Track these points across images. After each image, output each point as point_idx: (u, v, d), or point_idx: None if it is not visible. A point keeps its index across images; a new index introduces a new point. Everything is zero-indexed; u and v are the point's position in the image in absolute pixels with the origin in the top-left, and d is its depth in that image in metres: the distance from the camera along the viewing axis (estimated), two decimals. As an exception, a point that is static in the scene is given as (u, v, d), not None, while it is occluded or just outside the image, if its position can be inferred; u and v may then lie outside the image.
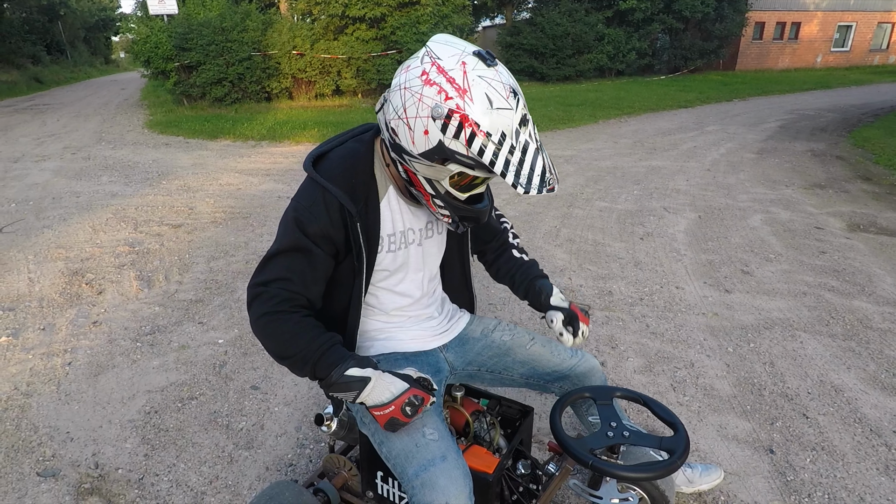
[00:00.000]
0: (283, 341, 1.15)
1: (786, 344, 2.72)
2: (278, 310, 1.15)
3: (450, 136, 1.00)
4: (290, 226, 1.16)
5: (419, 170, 1.09)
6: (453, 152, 1.01)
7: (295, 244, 1.16)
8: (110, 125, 10.14)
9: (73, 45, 31.25)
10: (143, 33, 11.96)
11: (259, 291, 1.16)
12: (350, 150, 1.22)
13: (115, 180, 6.03)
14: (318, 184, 1.16)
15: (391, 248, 1.26)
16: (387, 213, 1.24)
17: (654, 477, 1.16)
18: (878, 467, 1.92)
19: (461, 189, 1.12)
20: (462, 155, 1.01)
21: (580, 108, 11.30)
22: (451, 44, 1.03)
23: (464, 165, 1.03)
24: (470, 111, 0.97)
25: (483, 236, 1.51)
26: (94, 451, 2.00)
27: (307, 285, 1.17)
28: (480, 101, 0.97)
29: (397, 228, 1.26)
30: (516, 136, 1.00)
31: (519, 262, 1.51)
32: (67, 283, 3.44)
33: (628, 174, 6.18)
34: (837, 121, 9.74)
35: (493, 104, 0.98)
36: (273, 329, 1.15)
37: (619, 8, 18.00)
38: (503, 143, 0.99)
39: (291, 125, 9.34)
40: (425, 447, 1.13)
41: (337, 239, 1.18)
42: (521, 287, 1.48)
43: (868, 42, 23.97)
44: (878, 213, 4.75)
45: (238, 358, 2.60)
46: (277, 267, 1.16)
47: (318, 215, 1.15)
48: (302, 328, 1.15)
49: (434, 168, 1.07)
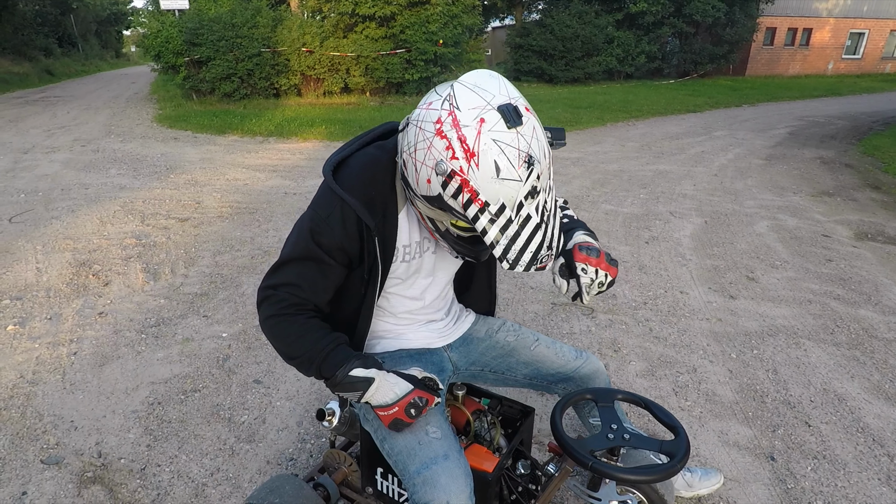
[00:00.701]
0: (289, 342, 1.16)
1: (789, 351, 2.71)
2: (285, 312, 1.16)
3: (448, 195, 0.97)
4: (305, 234, 1.14)
5: (421, 209, 1.09)
6: (451, 208, 0.99)
7: (308, 254, 1.14)
8: (120, 118, 10.21)
9: (85, 39, 31.49)
10: (154, 28, 12.03)
11: (268, 294, 1.17)
12: (371, 158, 1.16)
13: (123, 173, 6.08)
14: (337, 195, 1.12)
15: (405, 259, 1.25)
16: (404, 224, 1.21)
17: (654, 480, 1.16)
18: (880, 477, 1.91)
19: (464, 230, 1.10)
20: (459, 214, 0.99)
21: (588, 110, 11.28)
22: (479, 90, 0.94)
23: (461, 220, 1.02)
24: (472, 177, 0.93)
25: None
26: (97, 441, 2.02)
27: (316, 293, 1.18)
28: (486, 169, 0.92)
29: (413, 239, 1.24)
30: (518, 209, 0.95)
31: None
32: (74, 273, 3.47)
33: (635, 178, 6.16)
34: (847, 128, 9.68)
35: (500, 173, 0.92)
36: (280, 330, 1.16)
37: (629, 11, 17.96)
38: (500, 214, 0.95)
39: (299, 122, 9.37)
40: (428, 445, 1.14)
41: (351, 251, 1.16)
42: None
43: (880, 50, 23.80)
44: (887, 222, 4.72)
45: (241, 352, 2.62)
46: (288, 273, 1.16)
47: (335, 227, 1.12)
48: (307, 329, 1.16)
49: (435, 212, 1.06)
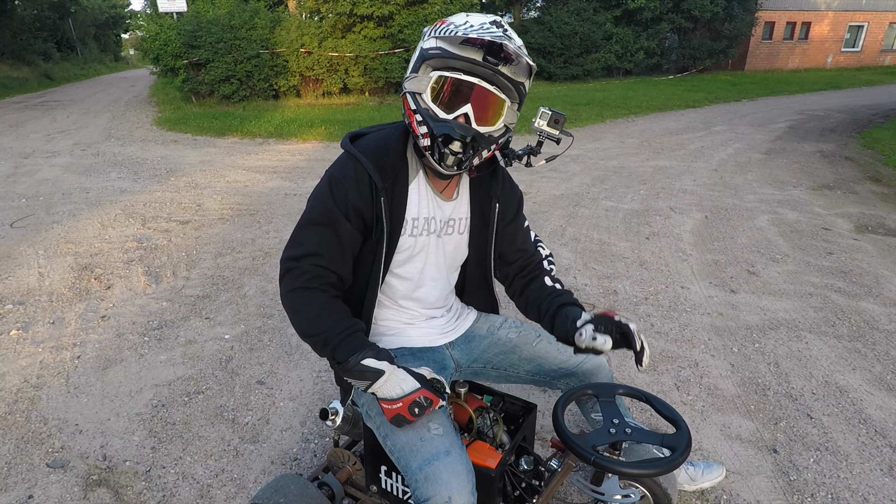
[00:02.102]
0: (308, 319, 1.18)
1: (791, 344, 2.71)
2: (308, 286, 1.19)
3: (425, 38, 1.15)
4: (324, 195, 1.21)
5: (406, 87, 1.17)
6: (427, 49, 1.14)
7: (326, 215, 1.20)
8: (119, 122, 10.22)
9: (84, 43, 31.49)
10: (152, 30, 12.04)
11: (291, 266, 1.20)
12: (386, 134, 1.27)
13: (123, 176, 6.09)
14: (352, 156, 1.21)
15: (413, 233, 1.28)
16: (414, 196, 1.27)
17: (656, 474, 1.17)
18: (882, 468, 1.92)
19: (441, 106, 1.15)
20: (435, 49, 1.12)
21: (587, 107, 11.26)
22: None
23: (436, 58, 1.12)
24: (447, 19, 1.14)
25: (510, 255, 1.42)
26: (102, 444, 2.03)
27: (336, 261, 1.21)
28: (458, 17, 1.14)
29: (422, 214, 1.28)
30: (482, 27, 1.11)
31: (549, 290, 1.37)
32: (76, 277, 3.48)
33: (635, 174, 6.16)
34: (847, 122, 9.67)
35: (470, 20, 1.13)
36: (301, 305, 1.19)
37: (627, 7, 17.91)
38: (466, 23, 1.12)
39: (299, 123, 9.37)
40: (430, 442, 1.14)
41: (365, 212, 1.21)
42: (547, 315, 1.32)
43: (879, 42, 23.71)
44: (887, 214, 4.72)
45: (244, 353, 2.62)
46: (309, 241, 1.20)
47: (349, 185, 1.19)
48: (328, 309, 1.18)
49: (416, 78, 1.15)
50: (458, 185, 1.34)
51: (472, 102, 1.13)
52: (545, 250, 1.61)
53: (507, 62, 1.12)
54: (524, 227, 1.46)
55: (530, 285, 1.42)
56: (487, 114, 1.16)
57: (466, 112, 1.13)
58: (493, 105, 1.15)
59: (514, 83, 1.15)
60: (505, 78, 1.13)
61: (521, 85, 1.17)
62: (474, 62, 1.11)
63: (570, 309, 1.29)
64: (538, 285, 1.41)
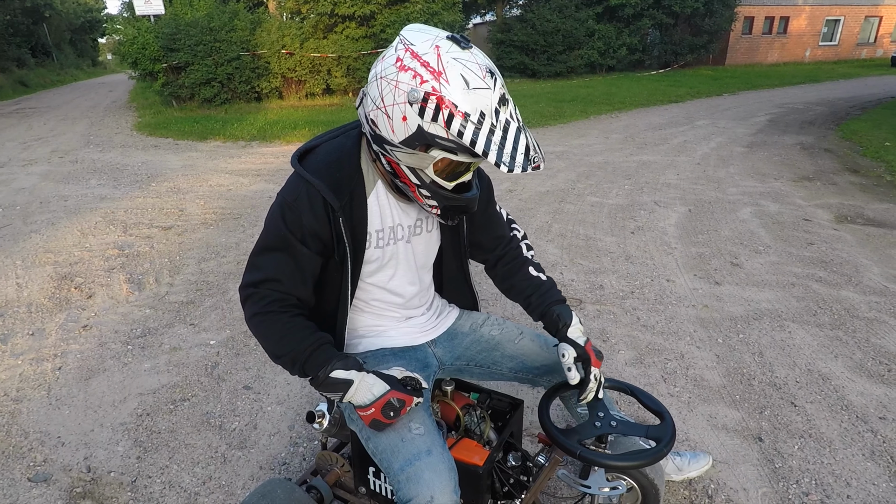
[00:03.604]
0: (274, 342, 1.17)
1: (774, 334, 2.75)
2: (269, 310, 1.16)
3: (428, 120, 0.99)
4: (276, 221, 1.16)
5: (402, 159, 1.07)
6: (433, 136, 1.00)
7: (281, 241, 1.16)
8: (98, 128, 10.06)
9: (59, 48, 30.94)
10: (129, 34, 11.85)
11: (250, 293, 1.18)
12: (337, 144, 1.20)
13: (103, 183, 5.99)
14: (303, 178, 1.15)
15: (379, 244, 1.25)
16: (375, 209, 1.22)
17: (641, 465, 1.18)
18: (864, 453, 1.95)
19: (447, 178, 1.10)
20: (442, 138, 1.00)
21: (571, 104, 11.32)
22: (424, 31, 1.02)
23: (445, 150, 1.02)
24: (446, 92, 0.96)
25: (486, 243, 1.43)
26: (85, 455, 1.99)
27: (296, 285, 1.18)
28: (456, 82, 0.96)
29: (385, 224, 1.25)
30: (496, 115, 0.99)
31: (536, 282, 1.41)
32: (56, 287, 3.42)
33: (619, 169, 6.21)
34: (826, 114, 9.83)
35: (470, 84, 0.96)
36: (265, 329, 1.17)
37: (609, 4, 18.03)
38: (483, 122, 0.98)
39: (282, 125, 9.30)
40: (411, 442, 1.14)
41: (322, 234, 1.16)
42: (536, 311, 1.39)
43: (856, 36, 24.17)
44: (866, 204, 4.81)
45: (230, 358, 2.60)
46: (266, 267, 1.17)
47: (303, 209, 1.13)
48: (291, 328, 1.16)
49: (417, 156, 1.05)
50: None
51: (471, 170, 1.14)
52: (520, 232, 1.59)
53: None
54: (497, 213, 1.46)
55: (515, 276, 1.44)
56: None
57: (466, 180, 1.14)
58: None
59: None
60: None
61: None
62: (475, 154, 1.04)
63: (561, 309, 1.35)
64: (523, 276, 1.43)
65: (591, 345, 1.32)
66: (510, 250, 1.46)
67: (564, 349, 1.29)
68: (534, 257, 1.47)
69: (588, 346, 1.30)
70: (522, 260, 1.44)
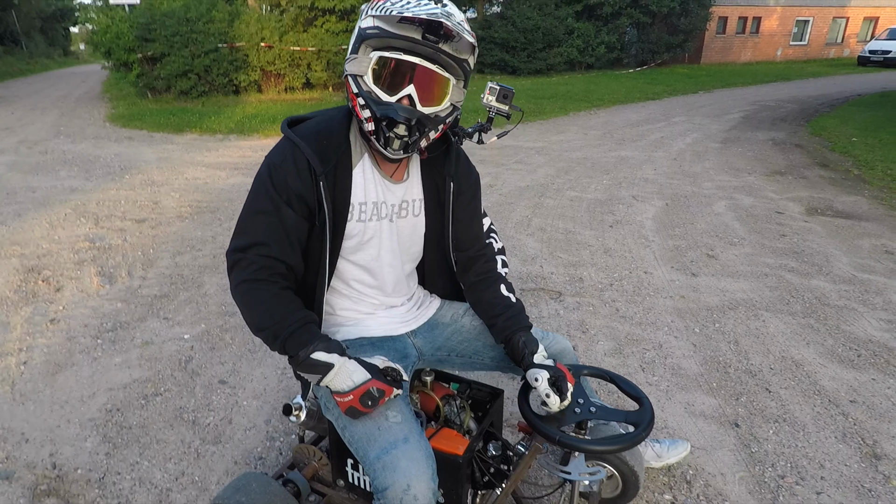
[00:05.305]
0: (258, 312, 1.15)
1: (749, 323, 2.79)
2: (258, 277, 1.15)
3: (363, 16, 1.11)
4: (264, 181, 1.17)
5: (348, 69, 1.13)
6: (364, 29, 1.09)
7: (268, 203, 1.16)
8: (69, 118, 9.75)
9: (29, 36, 29.92)
10: (103, 23, 11.49)
11: (238, 258, 1.17)
12: (328, 116, 1.24)
13: (74, 175, 5.81)
14: (291, 141, 1.17)
15: (361, 218, 1.24)
16: (359, 181, 1.23)
17: (619, 449, 1.18)
18: (836, 435, 2.00)
19: (385, 88, 1.11)
20: (370, 27, 1.08)
21: (551, 100, 11.38)
22: None
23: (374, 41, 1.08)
24: None
25: (461, 239, 1.38)
26: (51, 452, 1.92)
27: (283, 249, 1.17)
28: None
29: (369, 199, 1.24)
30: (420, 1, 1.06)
31: (506, 303, 1.37)
32: (22, 280, 3.29)
33: (598, 164, 6.26)
34: (796, 111, 10.06)
35: None
36: (251, 298, 1.15)
37: (588, 2, 18.17)
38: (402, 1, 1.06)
39: (261, 119, 9.14)
40: (387, 430, 1.12)
41: (307, 198, 1.17)
42: (501, 335, 1.34)
43: (824, 36, 24.80)
44: (835, 197, 4.93)
45: (205, 353, 2.53)
46: (254, 230, 1.16)
47: (288, 171, 1.15)
48: (278, 302, 1.15)
49: (356, 60, 1.11)
50: (408, 166, 1.31)
51: (415, 83, 1.09)
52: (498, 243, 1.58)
53: (447, 39, 1.07)
54: (479, 213, 1.44)
55: (485, 290, 1.40)
56: (432, 94, 1.12)
57: (410, 93, 1.10)
58: (436, 84, 1.12)
59: (458, 60, 1.11)
60: (447, 56, 1.09)
61: (464, 62, 1.13)
62: (414, 41, 1.06)
63: (526, 337, 1.31)
64: (493, 294, 1.39)
65: (562, 363, 1.27)
66: (485, 261, 1.43)
67: (536, 374, 1.22)
68: (507, 275, 1.46)
69: (559, 364, 1.26)
70: (496, 276, 1.42)
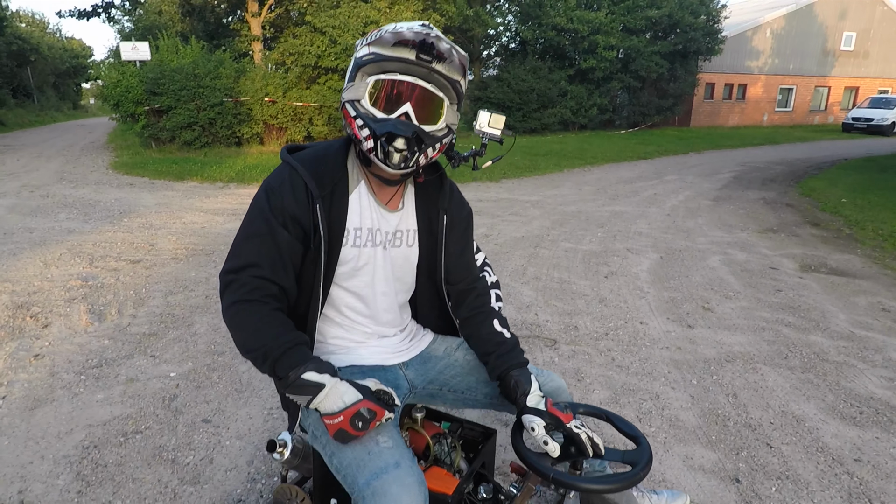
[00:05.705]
0: (248, 333, 1.13)
1: (747, 376, 2.75)
2: (249, 298, 1.14)
3: (358, 49, 1.17)
4: (260, 204, 1.19)
5: (345, 97, 1.18)
6: (360, 58, 1.15)
7: (263, 225, 1.17)
8: (73, 165, 9.92)
9: (41, 90, 30.89)
10: (113, 77, 11.94)
11: (230, 279, 1.16)
12: (326, 143, 1.29)
13: (73, 217, 5.84)
14: (289, 164, 1.21)
15: (356, 244, 1.25)
16: (355, 206, 1.25)
17: (615, 489, 1.13)
18: (842, 495, 1.92)
19: (383, 108, 1.15)
20: (365, 55, 1.13)
21: (546, 157, 11.69)
22: None
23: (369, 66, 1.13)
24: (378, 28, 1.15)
25: (452, 272, 1.38)
26: (20, 489, 1.83)
27: (277, 272, 1.16)
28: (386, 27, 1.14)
29: (365, 224, 1.26)
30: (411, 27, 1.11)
31: (499, 339, 1.35)
32: (11, 316, 3.24)
33: (592, 218, 6.35)
34: (785, 172, 10.35)
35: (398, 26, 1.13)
36: (241, 319, 1.14)
37: (580, 67, 19.07)
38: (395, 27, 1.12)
39: (261, 169, 9.33)
40: (378, 455, 1.07)
41: (303, 220, 1.18)
42: (494, 372, 1.32)
43: (808, 103, 25.94)
44: (828, 255, 4.99)
45: (190, 391, 2.46)
46: (247, 252, 1.17)
47: (285, 193, 1.17)
48: (268, 322, 1.13)
49: (353, 87, 1.16)
50: (402, 195, 1.33)
51: (412, 101, 1.15)
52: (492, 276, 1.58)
53: (440, 59, 1.13)
54: (471, 248, 1.45)
55: (478, 326, 1.38)
56: (427, 112, 1.17)
57: (407, 111, 1.14)
58: (431, 103, 1.17)
59: (450, 81, 1.17)
60: (440, 76, 1.15)
61: (457, 83, 1.18)
62: (408, 62, 1.12)
63: (519, 375, 1.28)
64: (487, 329, 1.37)
65: (552, 403, 1.24)
66: (476, 295, 1.42)
67: (531, 422, 1.20)
68: (501, 309, 1.45)
69: (550, 408, 1.22)
70: (488, 311, 1.40)
